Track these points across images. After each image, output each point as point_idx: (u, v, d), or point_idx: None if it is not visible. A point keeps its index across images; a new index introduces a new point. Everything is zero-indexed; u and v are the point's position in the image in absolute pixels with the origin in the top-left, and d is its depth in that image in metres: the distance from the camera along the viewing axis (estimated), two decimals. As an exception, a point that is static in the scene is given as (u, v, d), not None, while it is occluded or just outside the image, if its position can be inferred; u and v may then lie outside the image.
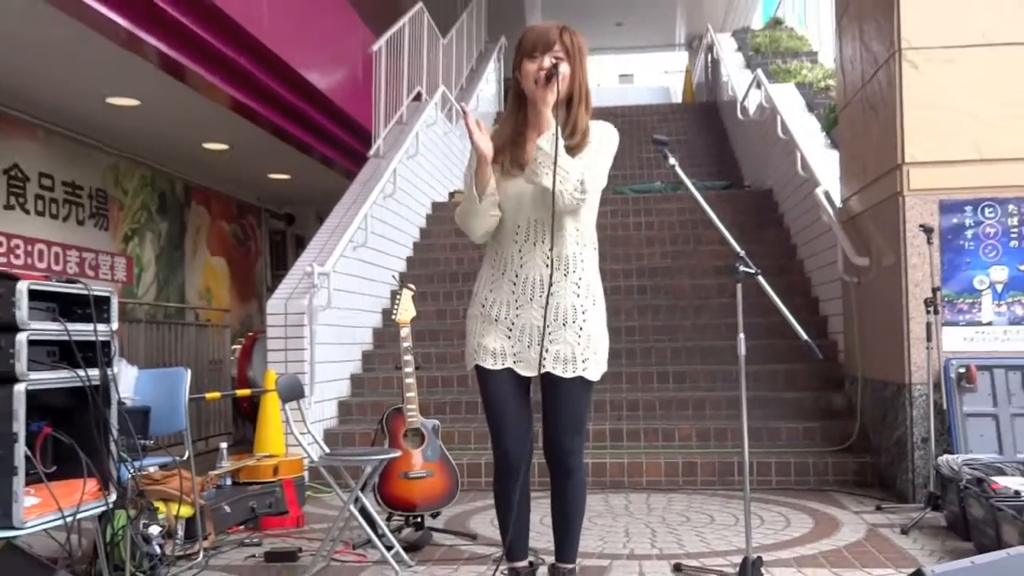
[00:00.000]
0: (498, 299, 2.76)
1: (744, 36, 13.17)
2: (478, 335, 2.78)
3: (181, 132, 8.12)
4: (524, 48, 2.67)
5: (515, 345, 2.73)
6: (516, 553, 2.84)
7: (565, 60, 2.65)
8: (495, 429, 2.79)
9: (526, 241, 2.73)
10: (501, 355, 2.74)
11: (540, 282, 2.70)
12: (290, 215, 12.28)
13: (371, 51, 8.22)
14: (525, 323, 2.72)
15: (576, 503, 2.81)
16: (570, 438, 2.76)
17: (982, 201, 4.65)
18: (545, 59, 2.62)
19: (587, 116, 2.74)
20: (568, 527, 2.82)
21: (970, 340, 4.62)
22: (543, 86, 2.61)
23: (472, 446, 5.77)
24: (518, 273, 2.73)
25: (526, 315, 2.72)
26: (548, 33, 2.65)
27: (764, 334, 6.28)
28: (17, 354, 2.66)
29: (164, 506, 3.74)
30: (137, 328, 7.97)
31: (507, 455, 2.77)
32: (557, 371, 2.71)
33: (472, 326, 2.83)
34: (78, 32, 5.47)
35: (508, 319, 2.74)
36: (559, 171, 2.57)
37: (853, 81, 5.62)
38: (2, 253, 6.87)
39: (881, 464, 5.20)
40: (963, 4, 4.67)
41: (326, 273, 6.08)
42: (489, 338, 2.75)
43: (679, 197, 8.76)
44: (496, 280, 2.78)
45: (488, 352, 2.75)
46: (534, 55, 2.64)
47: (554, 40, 2.64)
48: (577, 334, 2.72)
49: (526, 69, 2.66)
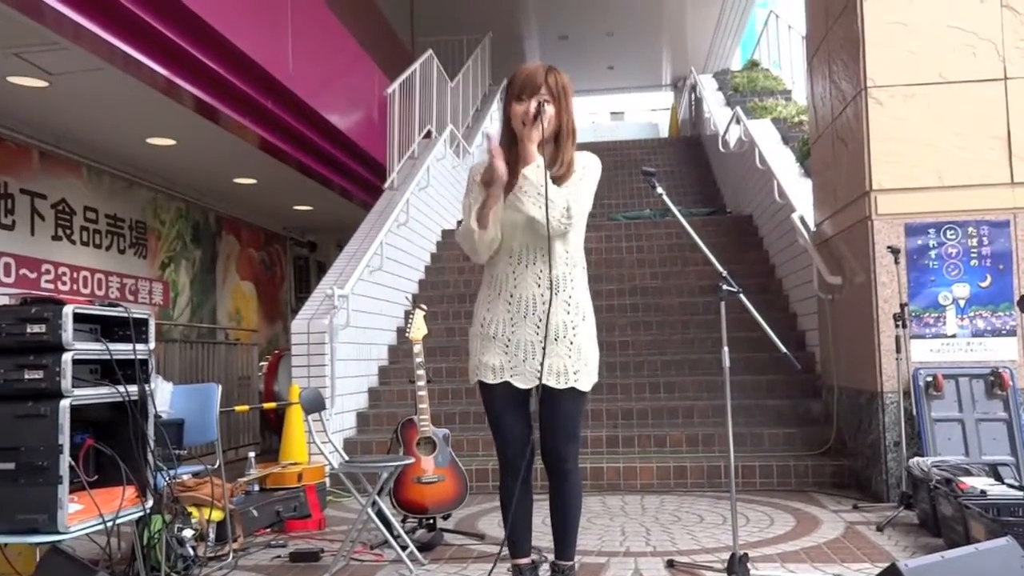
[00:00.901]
0: (495, 318, 2.75)
1: (724, 77, 13.20)
2: (478, 353, 2.78)
3: (214, 168, 8.15)
4: (513, 90, 2.67)
5: (511, 360, 2.72)
6: (520, 550, 2.82)
7: (551, 101, 2.64)
8: (497, 440, 2.80)
9: (519, 264, 2.72)
10: (500, 370, 2.73)
11: (532, 300, 2.70)
12: (312, 243, 12.30)
13: (386, 93, 8.26)
14: (520, 339, 2.70)
15: (573, 504, 2.79)
16: (564, 445, 2.74)
17: (944, 224, 4.63)
18: (532, 102, 2.61)
19: (573, 149, 2.73)
20: (566, 526, 2.80)
21: (936, 351, 4.59)
22: (530, 125, 2.61)
23: (480, 453, 5.73)
24: (512, 293, 2.72)
25: (521, 332, 2.71)
26: (535, 76, 2.64)
27: (747, 347, 6.25)
28: (63, 372, 2.65)
29: (197, 511, 3.72)
30: (172, 347, 7.96)
31: (509, 462, 2.77)
32: (551, 383, 2.69)
33: (473, 344, 2.82)
34: (121, 81, 5.52)
35: (505, 336, 2.73)
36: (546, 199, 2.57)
37: (824, 116, 5.63)
38: (50, 280, 6.88)
39: (857, 466, 5.15)
40: (921, 46, 4.68)
41: (345, 295, 6.08)
42: (489, 355, 2.75)
43: (667, 223, 8.76)
44: (492, 300, 2.77)
45: (488, 368, 2.74)
46: (521, 97, 2.64)
47: (540, 83, 2.63)
48: (568, 348, 2.70)
49: (514, 110, 2.66)
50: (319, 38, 7.63)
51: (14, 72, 5.43)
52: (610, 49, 15.98)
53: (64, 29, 4.72)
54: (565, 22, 14.45)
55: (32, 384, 2.65)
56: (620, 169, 11.70)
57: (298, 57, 7.00)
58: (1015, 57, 4.60)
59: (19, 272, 6.58)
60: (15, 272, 6.54)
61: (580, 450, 2.86)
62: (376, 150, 8.59)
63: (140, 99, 5.91)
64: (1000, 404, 4.43)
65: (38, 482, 2.59)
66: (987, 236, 4.58)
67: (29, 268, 6.69)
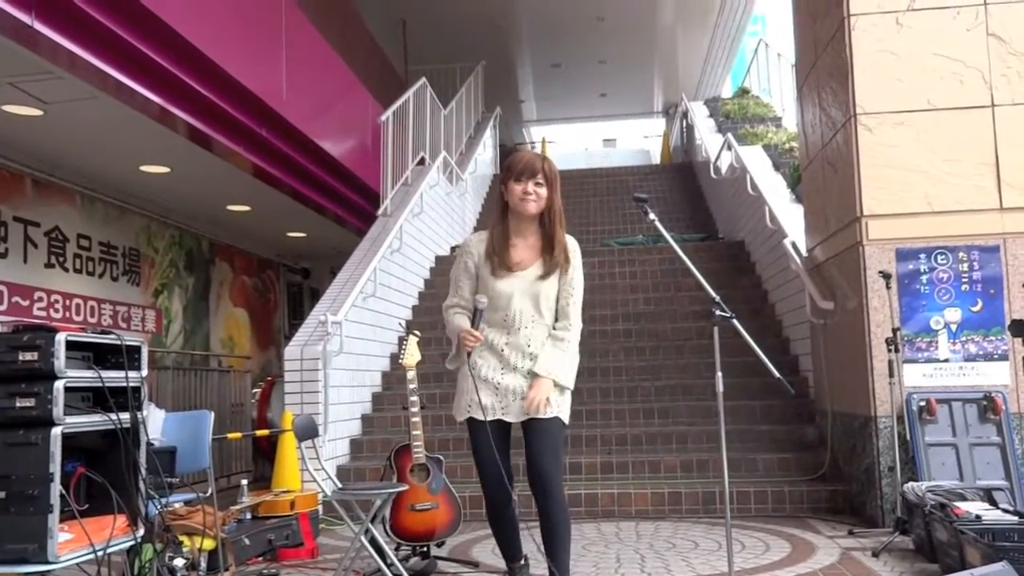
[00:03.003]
0: (486, 364, 3.08)
1: (715, 104, 13.35)
2: (469, 392, 3.07)
3: (207, 195, 8.17)
4: (513, 171, 3.05)
5: (501, 400, 3.05)
6: (512, 555, 3.21)
7: (544, 185, 3.03)
8: (482, 476, 3.10)
9: (512, 326, 3.06)
10: (491, 409, 3.06)
11: (522, 355, 3.05)
12: (306, 269, 12.29)
13: (379, 121, 8.31)
14: (509, 384, 3.05)
15: (560, 520, 3.00)
16: (549, 464, 2.99)
17: (935, 249, 4.67)
18: (529, 184, 3.01)
19: (563, 231, 3.10)
20: (556, 540, 2.99)
21: (929, 376, 4.60)
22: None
23: (474, 480, 5.64)
24: (503, 349, 3.06)
25: (510, 379, 3.05)
26: (533, 163, 3.04)
27: (740, 372, 6.26)
28: (54, 400, 2.63)
29: (188, 540, 3.68)
30: (165, 374, 7.92)
31: (490, 488, 3.10)
32: (540, 415, 3.01)
33: (464, 384, 3.11)
34: (115, 109, 5.54)
35: (494, 380, 3.06)
36: (566, 378, 3.07)
37: (814, 143, 5.69)
38: (43, 308, 6.86)
39: (852, 491, 5.14)
40: (910, 74, 4.75)
41: (339, 322, 6.07)
42: (480, 394, 3.04)
43: (660, 249, 8.79)
44: (483, 350, 3.08)
45: (478, 406, 3.05)
46: (520, 178, 3.02)
47: (537, 169, 3.03)
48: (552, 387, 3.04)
49: (512, 188, 3.04)
50: (313, 66, 7.69)
51: (8, 101, 5.45)
52: (602, 77, 16.15)
53: (59, 58, 4.76)
54: (558, 50, 14.61)
55: (23, 412, 2.63)
56: (612, 195, 11.77)
57: (292, 85, 7.05)
58: (1001, 84, 4.67)
59: (11, 300, 6.56)
60: (7, 300, 6.52)
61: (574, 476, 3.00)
62: (370, 177, 8.63)
63: (134, 127, 5.93)
64: (993, 429, 4.44)
65: (28, 511, 2.56)
66: (978, 261, 4.62)
67: (22, 296, 6.67)
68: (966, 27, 4.72)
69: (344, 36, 9.56)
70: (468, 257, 3.14)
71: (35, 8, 4.35)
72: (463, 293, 3.15)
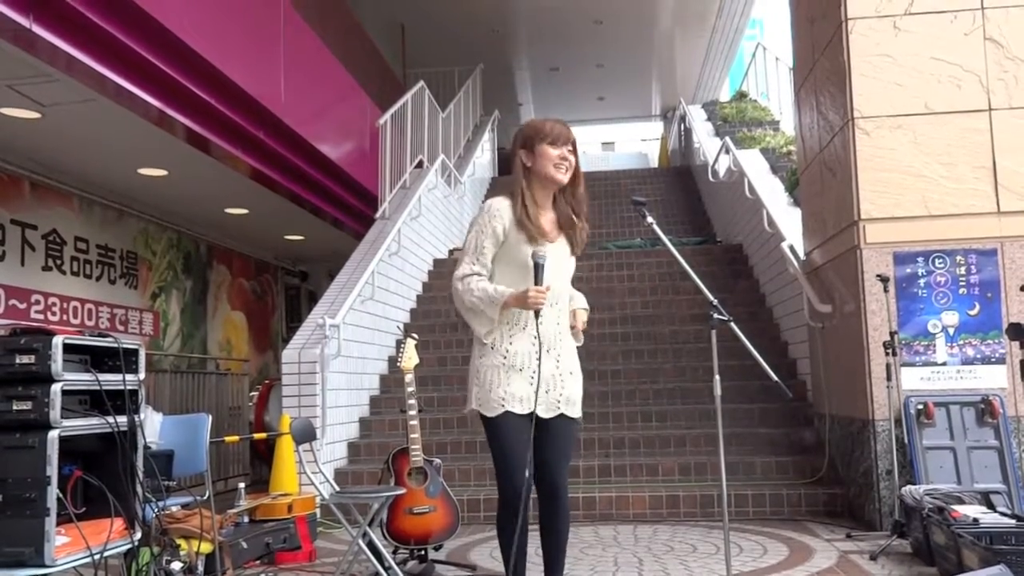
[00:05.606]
0: (520, 351, 2.81)
1: (713, 107, 13.37)
2: (503, 384, 2.79)
3: (205, 198, 8.17)
4: (546, 136, 2.84)
5: (545, 390, 2.81)
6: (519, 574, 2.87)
7: (574, 154, 2.89)
8: (510, 468, 2.77)
9: (549, 301, 2.79)
10: (528, 400, 2.77)
11: (555, 337, 2.87)
12: (304, 272, 12.29)
13: (378, 124, 8.32)
14: (544, 374, 2.80)
15: (565, 521, 2.89)
16: (564, 466, 2.88)
17: (932, 253, 4.68)
18: (563, 149, 2.83)
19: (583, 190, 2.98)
20: (558, 545, 2.88)
21: (927, 379, 4.61)
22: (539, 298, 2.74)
23: (472, 483, 5.69)
24: (538, 329, 2.78)
25: (545, 366, 2.81)
26: (568, 131, 2.89)
27: (738, 375, 6.26)
28: (52, 403, 2.63)
29: (185, 543, 3.67)
30: (163, 377, 7.91)
31: (516, 491, 2.75)
32: (570, 412, 2.87)
33: (494, 376, 2.81)
34: (114, 112, 5.54)
35: (530, 368, 2.80)
36: (583, 309, 3.01)
37: (812, 146, 5.70)
38: (40, 310, 6.85)
39: (849, 495, 5.14)
40: (907, 78, 4.76)
41: (336, 325, 6.07)
42: (515, 386, 2.79)
43: (658, 252, 8.80)
44: (516, 335, 2.83)
45: (516, 399, 2.78)
46: (556, 143, 2.83)
47: (571, 137, 2.88)
48: (576, 382, 2.92)
49: (547, 152, 2.82)
50: (311, 69, 7.69)
51: (6, 104, 5.45)
52: (600, 80, 16.17)
53: (57, 61, 4.76)
54: (556, 54, 14.63)
55: (20, 415, 2.63)
56: (610, 198, 11.78)
57: (290, 88, 7.05)
58: (999, 88, 4.68)
59: (9, 303, 6.55)
60: (5, 303, 6.51)
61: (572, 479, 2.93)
62: (368, 180, 8.63)
63: (132, 130, 5.93)
64: (991, 432, 4.45)
65: (25, 514, 2.56)
66: (975, 264, 4.62)
67: (19, 298, 6.66)
68: (964, 31, 4.74)
69: (343, 40, 9.57)
70: (498, 222, 2.80)
71: (33, 11, 4.36)
72: (484, 260, 2.83)
